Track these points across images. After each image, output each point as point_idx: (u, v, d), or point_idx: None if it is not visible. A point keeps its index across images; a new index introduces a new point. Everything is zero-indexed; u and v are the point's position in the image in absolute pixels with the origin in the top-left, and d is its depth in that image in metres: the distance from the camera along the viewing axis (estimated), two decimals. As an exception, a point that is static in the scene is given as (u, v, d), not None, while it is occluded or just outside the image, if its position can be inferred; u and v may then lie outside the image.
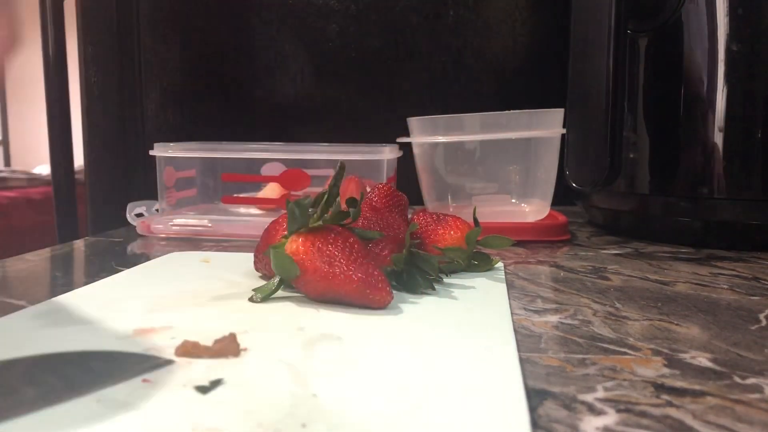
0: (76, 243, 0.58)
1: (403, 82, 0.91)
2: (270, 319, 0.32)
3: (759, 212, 0.52)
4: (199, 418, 0.20)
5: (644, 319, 0.33)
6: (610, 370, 0.25)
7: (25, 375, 0.24)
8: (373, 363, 0.25)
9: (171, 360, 0.25)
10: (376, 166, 0.59)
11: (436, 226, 0.43)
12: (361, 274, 0.32)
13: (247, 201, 0.66)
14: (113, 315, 0.32)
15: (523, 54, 0.91)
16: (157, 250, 0.53)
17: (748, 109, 0.52)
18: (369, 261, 0.34)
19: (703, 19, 0.53)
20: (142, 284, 0.39)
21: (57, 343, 0.28)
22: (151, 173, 0.95)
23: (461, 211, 0.57)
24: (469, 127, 0.59)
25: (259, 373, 0.24)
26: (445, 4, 0.90)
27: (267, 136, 0.92)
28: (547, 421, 0.20)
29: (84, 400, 0.21)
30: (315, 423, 0.20)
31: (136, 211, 0.64)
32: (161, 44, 0.94)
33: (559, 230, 0.59)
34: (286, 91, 0.93)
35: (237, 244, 0.57)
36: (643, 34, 0.57)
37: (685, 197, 0.55)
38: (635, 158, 0.59)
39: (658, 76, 0.57)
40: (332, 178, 0.37)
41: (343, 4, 0.91)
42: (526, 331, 0.31)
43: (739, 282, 0.41)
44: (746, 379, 0.24)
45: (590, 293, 0.38)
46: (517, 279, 0.42)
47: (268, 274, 0.40)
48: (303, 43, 0.92)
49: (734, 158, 0.53)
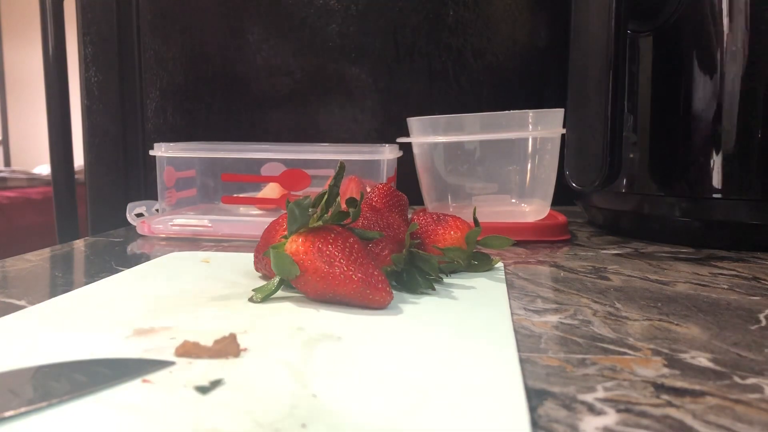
0: (76, 243, 0.58)
1: (403, 82, 0.92)
2: (270, 319, 0.32)
3: (759, 212, 0.52)
4: (199, 418, 0.20)
5: (644, 319, 0.33)
6: (610, 370, 0.25)
7: (24, 376, 0.24)
8: (373, 363, 0.25)
9: (171, 360, 0.25)
10: (375, 166, 0.59)
11: (436, 226, 0.43)
12: (360, 275, 0.32)
13: (247, 201, 0.66)
14: (113, 315, 0.32)
15: (523, 54, 0.91)
16: (157, 250, 0.53)
17: (748, 109, 0.52)
18: (369, 261, 0.34)
19: (703, 19, 0.53)
20: (142, 284, 0.39)
21: (56, 344, 0.28)
22: (151, 173, 0.96)
23: (461, 211, 0.57)
24: (469, 127, 0.59)
25: (259, 373, 0.24)
26: (445, 4, 0.90)
27: (267, 136, 0.93)
28: (547, 421, 0.20)
29: (84, 401, 0.21)
30: (315, 423, 0.20)
31: (136, 211, 0.64)
32: (161, 44, 0.94)
33: (559, 230, 0.59)
34: (286, 91, 0.93)
35: (237, 244, 0.57)
36: (643, 34, 0.57)
37: (685, 197, 0.55)
38: (635, 158, 0.59)
39: (658, 76, 0.57)
40: (332, 178, 0.37)
41: (343, 4, 0.91)
42: (526, 331, 0.31)
43: (739, 282, 0.41)
44: (746, 379, 0.24)
45: (590, 293, 0.38)
46: (517, 279, 0.42)
47: (268, 274, 0.40)
48: (303, 43, 0.92)
49: (734, 158, 0.53)
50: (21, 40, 4.19)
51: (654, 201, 0.57)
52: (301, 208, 0.34)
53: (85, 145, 0.94)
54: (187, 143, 0.65)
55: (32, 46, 3.98)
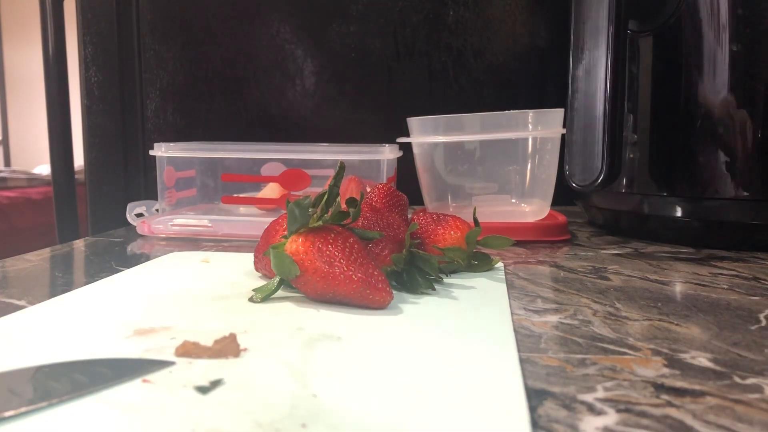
0: (76, 243, 0.58)
1: (403, 82, 0.92)
2: (270, 319, 0.32)
3: (759, 212, 0.52)
4: (199, 418, 0.20)
5: (644, 319, 0.33)
6: (610, 370, 0.25)
7: (25, 376, 0.24)
8: (373, 363, 0.25)
9: (171, 360, 0.25)
10: (376, 166, 0.59)
11: (436, 226, 0.43)
12: (361, 275, 0.32)
13: (247, 201, 0.66)
14: (113, 315, 0.32)
15: (523, 54, 0.91)
16: (157, 250, 0.53)
17: (748, 109, 0.52)
18: (369, 261, 0.34)
19: (703, 19, 0.53)
20: (142, 284, 0.39)
21: (56, 344, 0.28)
22: (151, 173, 0.96)
23: (461, 211, 0.57)
24: (469, 127, 0.59)
25: (259, 373, 0.24)
26: (445, 4, 0.90)
27: (267, 136, 0.93)
28: (547, 421, 0.20)
29: (84, 401, 0.21)
30: (315, 423, 0.20)
31: (136, 211, 0.64)
32: (161, 44, 0.94)
33: (559, 230, 0.59)
34: (285, 91, 0.93)
35: (237, 244, 0.57)
36: (643, 34, 0.57)
37: (685, 197, 0.55)
38: (635, 158, 0.59)
39: (658, 76, 0.57)
40: (332, 178, 0.37)
41: (343, 4, 0.91)
42: (526, 331, 0.31)
43: (739, 282, 0.41)
44: (746, 379, 0.24)
45: (590, 293, 0.38)
46: (517, 279, 0.42)
47: (268, 274, 0.40)
48: (302, 43, 0.92)
49: (734, 158, 0.53)
50: (21, 40, 4.19)
51: (654, 201, 0.57)
52: (301, 208, 0.34)
53: (85, 145, 0.94)
54: (187, 143, 0.65)
55: (32, 46, 3.98)
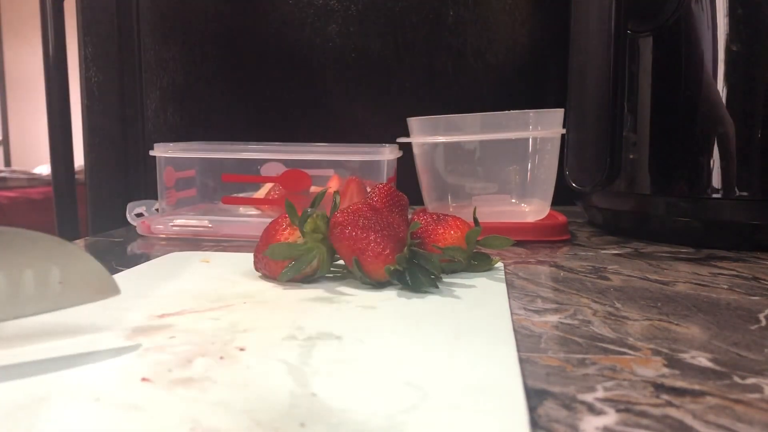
0: (76, 243, 0.58)
1: (403, 82, 0.91)
2: (270, 319, 0.32)
3: (759, 212, 0.52)
4: (198, 417, 0.20)
5: (644, 319, 0.33)
6: (609, 370, 0.25)
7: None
8: (373, 363, 0.25)
9: (171, 360, 0.25)
10: (376, 166, 0.59)
11: (436, 226, 0.43)
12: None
13: (247, 201, 0.66)
14: (113, 315, 0.32)
15: (523, 54, 0.91)
16: (157, 250, 0.53)
17: (748, 109, 0.52)
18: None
19: (703, 19, 0.53)
20: (143, 284, 0.39)
21: (57, 344, 0.28)
22: (151, 173, 0.96)
23: (461, 211, 0.57)
24: (469, 127, 0.59)
25: (258, 372, 0.24)
26: (445, 4, 0.90)
27: (267, 136, 0.93)
28: (547, 421, 0.20)
29: (84, 401, 0.21)
30: (314, 422, 0.20)
31: (136, 211, 0.64)
32: (161, 44, 0.94)
33: (559, 230, 0.59)
34: (285, 91, 0.93)
35: (237, 244, 0.57)
36: (643, 34, 0.57)
37: (685, 197, 0.55)
38: (635, 158, 0.58)
39: (658, 76, 0.57)
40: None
41: (343, 4, 0.91)
42: (526, 331, 0.31)
43: (739, 282, 0.41)
44: (746, 379, 0.24)
45: (590, 293, 0.38)
46: (517, 279, 0.42)
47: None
48: (302, 44, 0.92)
49: (734, 158, 0.53)
50: (21, 40, 4.19)
51: (654, 201, 0.57)
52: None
53: (85, 145, 0.94)
54: (187, 143, 0.65)
55: (32, 46, 3.98)
